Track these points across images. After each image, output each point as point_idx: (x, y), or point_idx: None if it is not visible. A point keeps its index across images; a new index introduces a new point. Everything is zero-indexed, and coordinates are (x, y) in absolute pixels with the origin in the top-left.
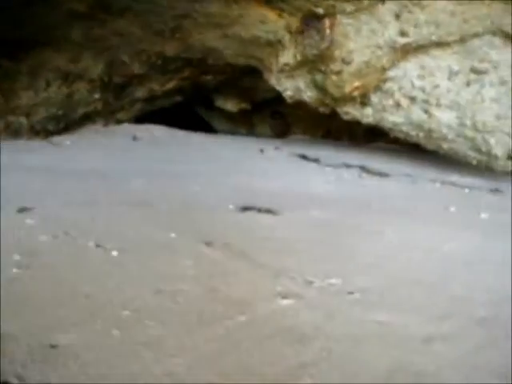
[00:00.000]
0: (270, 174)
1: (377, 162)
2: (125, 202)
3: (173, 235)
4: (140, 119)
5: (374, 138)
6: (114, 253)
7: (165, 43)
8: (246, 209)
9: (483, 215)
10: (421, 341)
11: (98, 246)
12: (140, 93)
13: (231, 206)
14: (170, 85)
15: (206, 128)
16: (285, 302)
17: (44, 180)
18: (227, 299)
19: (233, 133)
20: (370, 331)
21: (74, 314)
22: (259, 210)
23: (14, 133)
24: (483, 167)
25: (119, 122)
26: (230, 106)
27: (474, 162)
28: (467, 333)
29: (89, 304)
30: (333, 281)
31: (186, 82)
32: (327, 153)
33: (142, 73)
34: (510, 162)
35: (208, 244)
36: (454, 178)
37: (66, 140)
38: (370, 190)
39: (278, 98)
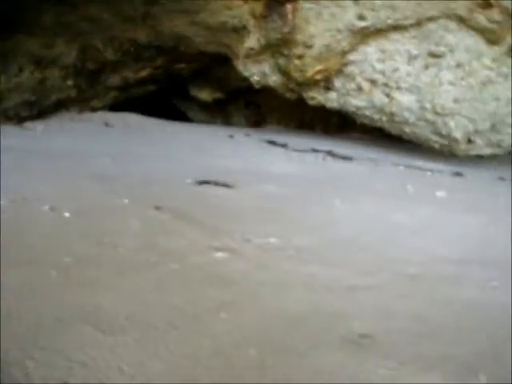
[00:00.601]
0: (236, 156)
1: (344, 148)
2: (86, 177)
3: (126, 201)
4: (115, 108)
5: (347, 128)
6: (66, 214)
7: (136, 30)
8: (202, 183)
9: (439, 193)
10: (344, 289)
11: (52, 208)
12: (114, 80)
13: (189, 180)
14: (144, 73)
15: (183, 118)
16: (219, 254)
17: (12, 158)
18: (164, 251)
19: (208, 123)
20: (296, 280)
21: (18, 257)
22: (215, 184)
23: None
24: (446, 152)
25: (94, 109)
26: (205, 95)
27: (437, 146)
28: (391, 286)
29: (32, 252)
30: (271, 240)
31: (160, 70)
32: (297, 140)
33: (115, 59)
34: (470, 146)
35: (157, 208)
36: (419, 162)
37: (38, 125)
38: (331, 171)
39: (253, 87)
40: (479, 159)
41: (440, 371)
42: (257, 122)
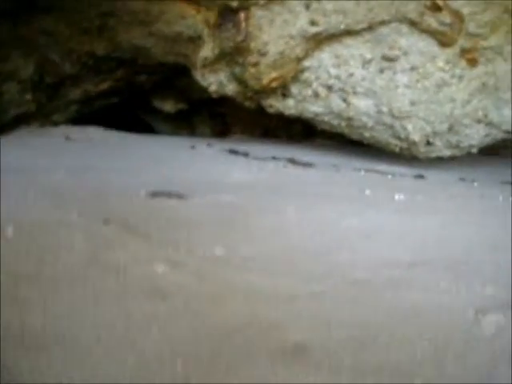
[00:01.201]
0: (194, 166)
1: (306, 155)
2: (36, 191)
3: (74, 216)
4: (78, 121)
5: (310, 135)
6: (9, 230)
7: (93, 42)
8: (156, 194)
9: (397, 197)
10: (285, 298)
11: None
12: (74, 94)
13: (142, 192)
14: (105, 85)
15: (148, 130)
16: (160, 267)
17: None
18: (102, 264)
19: (173, 134)
20: (236, 291)
21: None
22: (169, 195)
23: None
24: (407, 155)
25: (56, 123)
26: (168, 106)
27: (397, 150)
28: (335, 293)
29: None
30: (216, 251)
31: (121, 82)
32: (259, 148)
33: (75, 73)
34: (430, 148)
35: (105, 222)
36: (381, 167)
37: None
38: (290, 178)
39: (217, 98)
40: (441, 161)
41: (374, 379)
42: (222, 132)
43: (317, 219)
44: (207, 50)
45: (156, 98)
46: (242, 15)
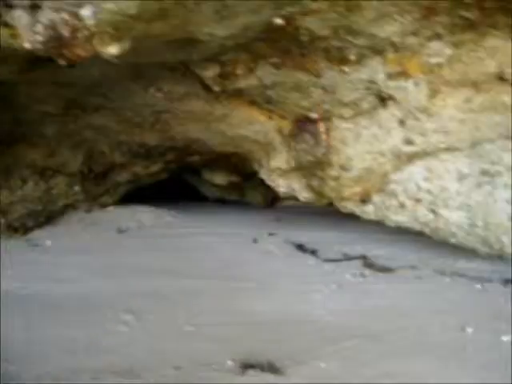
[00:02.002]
0: (268, 286)
1: (377, 247)
2: None
3: None
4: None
5: None
6: None
7: (144, 134)
8: (247, 367)
9: (505, 338)
10: None
11: None
12: (123, 177)
13: (229, 364)
14: (155, 167)
15: (194, 191)
16: None
17: None
18: None
19: (222, 200)
20: None
21: None
22: (262, 368)
23: None
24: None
25: (103, 205)
26: (219, 179)
27: (483, 254)
28: None
29: None
30: None
31: (171, 164)
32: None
33: (124, 161)
34: None
35: None
36: (460, 263)
37: (46, 239)
38: (376, 305)
39: None
40: None
41: None
42: (273, 200)
43: None
44: (280, 160)
45: (206, 171)
46: (322, 126)
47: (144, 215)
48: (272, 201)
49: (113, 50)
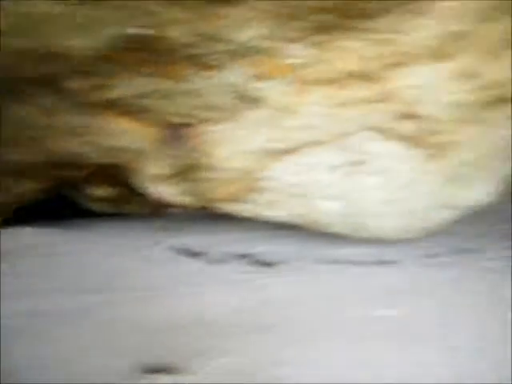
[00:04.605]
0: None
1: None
2: None
3: None
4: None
5: None
6: None
7: (20, 150)
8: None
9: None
10: None
11: None
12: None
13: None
14: (32, 185)
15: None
16: None
17: None
18: None
19: (107, 213)
20: None
21: None
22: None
23: None
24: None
25: None
26: (102, 192)
27: (359, 240)
28: None
29: None
30: None
31: (51, 181)
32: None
33: None
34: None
35: None
36: (340, 251)
37: None
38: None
39: None
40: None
41: None
42: (159, 208)
43: None
44: (156, 168)
45: (86, 186)
46: (191, 131)
47: (23, 235)
48: (158, 209)
49: None
